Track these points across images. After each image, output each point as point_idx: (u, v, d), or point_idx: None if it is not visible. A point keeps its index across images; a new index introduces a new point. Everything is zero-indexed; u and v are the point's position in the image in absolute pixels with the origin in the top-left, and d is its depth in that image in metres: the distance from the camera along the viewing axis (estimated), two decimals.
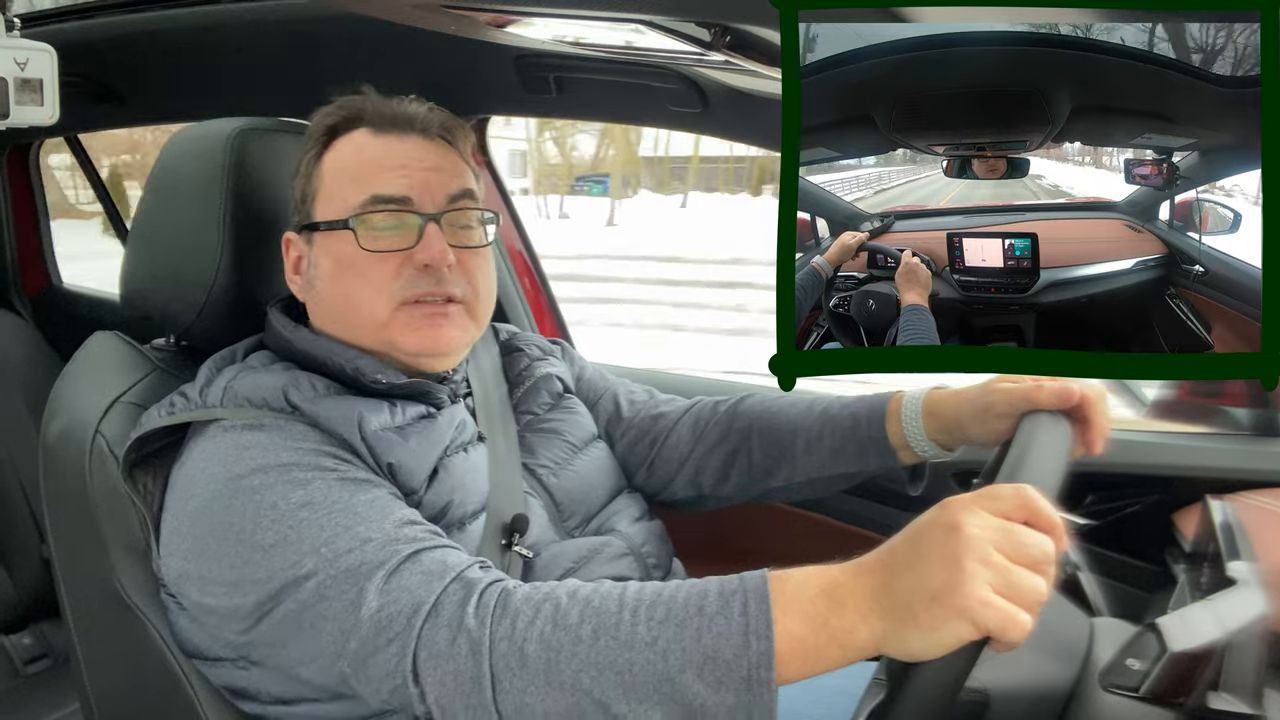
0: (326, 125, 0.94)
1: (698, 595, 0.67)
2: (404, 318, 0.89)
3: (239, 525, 0.78)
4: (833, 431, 1.02)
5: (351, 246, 0.89)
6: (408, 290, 0.89)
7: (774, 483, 1.05)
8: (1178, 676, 0.66)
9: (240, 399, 0.86)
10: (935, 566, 0.60)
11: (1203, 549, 0.88)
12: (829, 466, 1.02)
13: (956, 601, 0.58)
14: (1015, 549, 0.60)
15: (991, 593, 0.58)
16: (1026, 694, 0.76)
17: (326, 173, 0.93)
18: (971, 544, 0.59)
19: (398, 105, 0.94)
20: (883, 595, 0.62)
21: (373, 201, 0.89)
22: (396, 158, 0.91)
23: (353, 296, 0.90)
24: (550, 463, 1.00)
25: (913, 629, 0.60)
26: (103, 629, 0.94)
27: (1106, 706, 0.71)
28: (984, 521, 0.60)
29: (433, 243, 0.88)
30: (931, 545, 0.61)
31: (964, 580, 0.59)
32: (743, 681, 0.63)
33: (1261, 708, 0.67)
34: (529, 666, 0.67)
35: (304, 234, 0.94)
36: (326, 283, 0.91)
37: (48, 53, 0.90)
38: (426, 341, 0.90)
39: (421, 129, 0.93)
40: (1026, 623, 0.58)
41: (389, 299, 0.89)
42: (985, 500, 0.62)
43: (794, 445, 1.04)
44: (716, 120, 1.26)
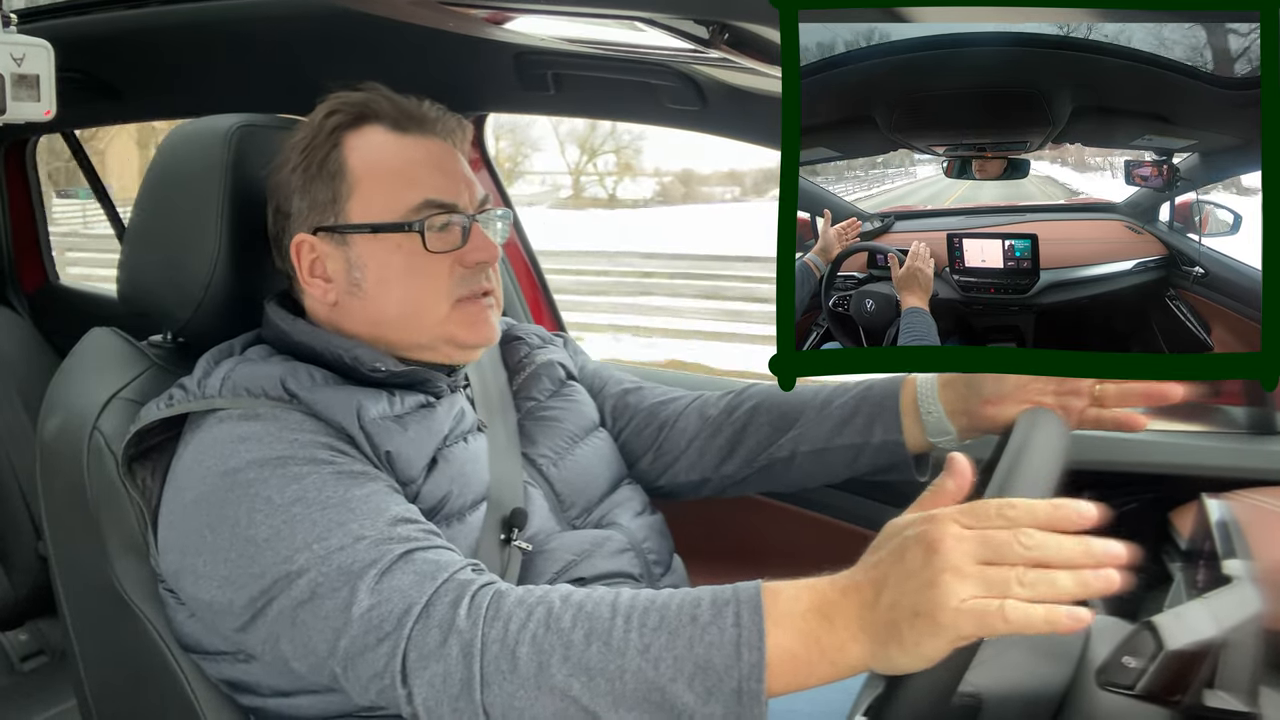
0: (335, 123, 0.93)
1: (691, 604, 0.67)
2: (460, 314, 0.92)
3: (233, 519, 0.79)
4: (844, 400, 1.02)
5: (411, 248, 0.90)
6: (462, 288, 0.92)
7: (779, 454, 1.05)
8: (1174, 674, 0.66)
9: (238, 389, 0.86)
10: (915, 585, 0.60)
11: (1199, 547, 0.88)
12: (835, 436, 1.02)
13: (938, 617, 0.59)
14: (996, 553, 0.60)
15: (970, 600, 0.59)
16: (1020, 695, 0.76)
17: (359, 172, 0.91)
18: (949, 560, 0.60)
19: (410, 103, 0.94)
20: (869, 614, 0.63)
21: (429, 205, 0.91)
22: (434, 160, 0.93)
23: (414, 296, 0.91)
24: (550, 452, 1.00)
25: (897, 647, 0.61)
26: (100, 625, 0.94)
27: (1102, 704, 0.71)
28: (961, 534, 0.61)
29: (484, 243, 0.93)
30: (913, 563, 0.61)
31: (943, 597, 0.59)
32: (733, 693, 0.64)
33: (1257, 706, 0.68)
34: (520, 670, 0.67)
35: (331, 235, 0.92)
36: (377, 284, 0.91)
37: (44, 48, 0.90)
38: (483, 334, 0.94)
39: (439, 130, 0.95)
40: (1009, 607, 0.58)
41: (447, 296, 0.92)
42: (966, 516, 0.62)
43: (802, 413, 1.04)
44: (715, 118, 1.26)
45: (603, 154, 17.08)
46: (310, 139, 0.93)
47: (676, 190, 16.72)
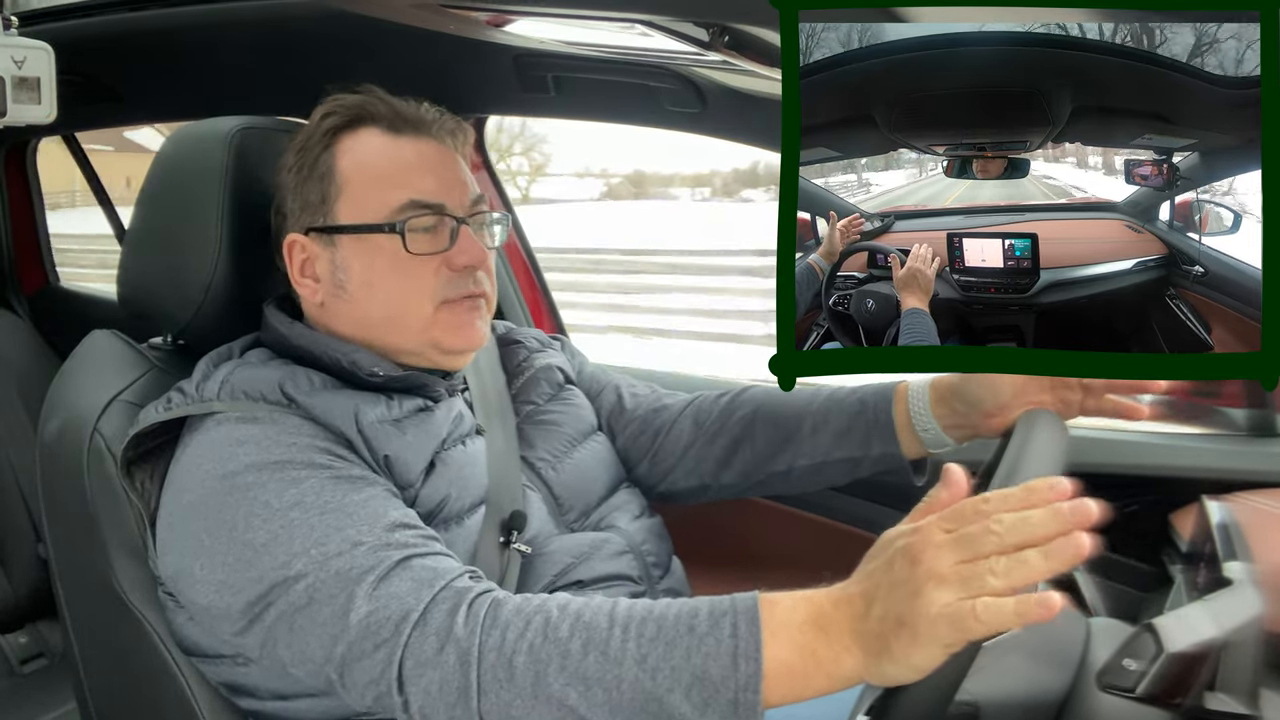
0: (330, 125, 0.93)
1: (688, 614, 0.67)
2: (446, 317, 0.91)
3: (231, 523, 0.78)
4: (839, 413, 1.02)
5: (393, 249, 0.90)
6: (448, 291, 0.91)
7: (776, 467, 1.05)
8: (1174, 677, 0.66)
9: (237, 392, 0.86)
10: (900, 595, 0.61)
11: (1199, 549, 0.88)
12: (833, 450, 1.02)
13: (918, 626, 0.59)
14: (970, 548, 0.60)
15: (950, 605, 0.59)
16: (1018, 703, 0.76)
17: (348, 174, 0.92)
18: (930, 568, 0.60)
19: (407, 106, 0.94)
20: (860, 625, 0.63)
21: (412, 206, 0.90)
22: (424, 161, 0.92)
23: (398, 299, 0.90)
24: (549, 455, 1.00)
25: (887, 658, 0.61)
26: (100, 628, 0.94)
27: (1103, 707, 0.71)
28: (941, 540, 0.61)
29: (471, 245, 0.91)
30: (900, 574, 0.61)
31: (924, 606, 0.59)
32: (729, 704, 0.63)
33: (1258, 708, 0.68)
34: (516, 679, 0.67)
35: (320, 236, 0.92)
36: (361, 286, 0.91)
37: (45, 51, 0.90)
38: (468, 338, 0.93)
39: (435, 132, 0.94)
40: (980, 606, 0.58)
41: (432, 299, 0.91)
42: (947, 520, 0.62)
43: (799, 427, 1.04)
44: (715, 120, 1.26)
45: (513, 155, 17.54)
46: (305, 140, 0.94)
47: (625, 189, 17.04)
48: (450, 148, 0.95)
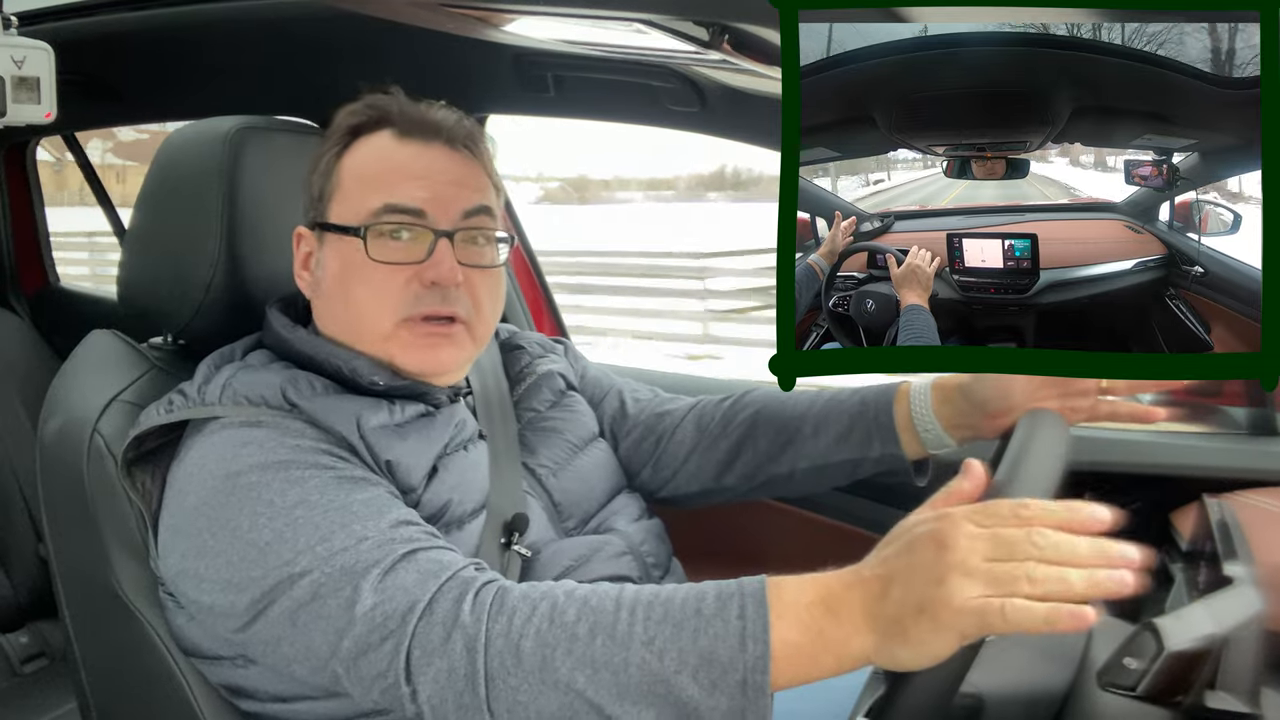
0: (350, 124, 0.92)
1: (695, 597, 0.67)
2: (405, 335, 0.88)
3: (235, 522, 0.78)
4: (840, 415, 1.02)
5: (360, 254, 0.88)
6: (413, 307, 0.88)
7: (778, 470, 1.04)
8: (1175, 676, 0.66)
9: (239, 397, 0.86)
10: (923, 582, 0.60)
11: (1200, 548, 0.88)
12: (834, 451, 1.02)
13: (940, 615, 0.59)
14: (1007, 551, 0.60)
15: (974, 599, 0.59)
16: (1021, 696, 0.76)
17: (345, 173, 0.91)
18: (959, 559, 0.60)
19: (427, 110, 0.92)
20: (875, 607, 0.62)
21: (386, 210, 0.88)
22: (417, 167, 0.90)
23: (357, 304, 0.89)
24: (550, 462, 1.00)
25: (901, 643, 0.61)
26: (100, 628, 0.94)
27: (1104, 706, 0.71)
28: (975, 532, 0.61)
29: (442, 260, 0.87)
30: (923, 560, 0.61)
31: (949, 595, 0.59)
32: (738, 685, 0.63)
33: (1259, 707, 0.68)
34: (524, 664, 0.67)
35: (316, 231, 0.93)
36: (332, 285, 0.91)
37: (45, 51, 0.90)
38: (426, 363, 0.89)
39: (448, 138, 0.91)
40: (1010, 606, 0.58)
41: (393, 312, 0.88)
42: (980, 515, 0.62)
43: (800, 429, 1.03)
44: (715, 119, 1.26)
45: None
46: (329, 135, 0.94)
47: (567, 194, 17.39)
48: (467, 155, 0.92)
